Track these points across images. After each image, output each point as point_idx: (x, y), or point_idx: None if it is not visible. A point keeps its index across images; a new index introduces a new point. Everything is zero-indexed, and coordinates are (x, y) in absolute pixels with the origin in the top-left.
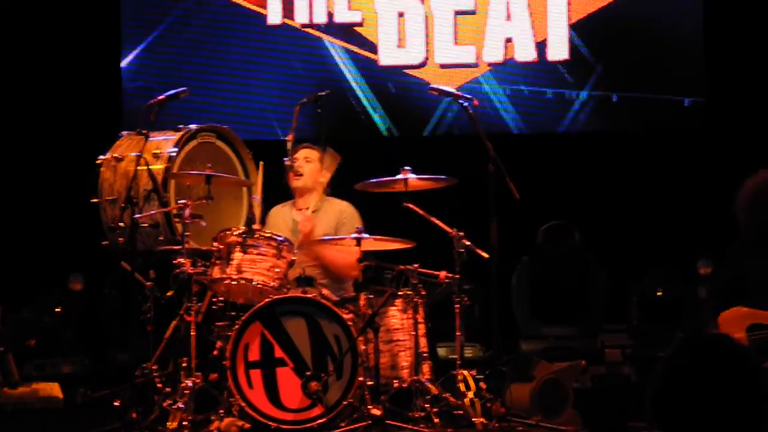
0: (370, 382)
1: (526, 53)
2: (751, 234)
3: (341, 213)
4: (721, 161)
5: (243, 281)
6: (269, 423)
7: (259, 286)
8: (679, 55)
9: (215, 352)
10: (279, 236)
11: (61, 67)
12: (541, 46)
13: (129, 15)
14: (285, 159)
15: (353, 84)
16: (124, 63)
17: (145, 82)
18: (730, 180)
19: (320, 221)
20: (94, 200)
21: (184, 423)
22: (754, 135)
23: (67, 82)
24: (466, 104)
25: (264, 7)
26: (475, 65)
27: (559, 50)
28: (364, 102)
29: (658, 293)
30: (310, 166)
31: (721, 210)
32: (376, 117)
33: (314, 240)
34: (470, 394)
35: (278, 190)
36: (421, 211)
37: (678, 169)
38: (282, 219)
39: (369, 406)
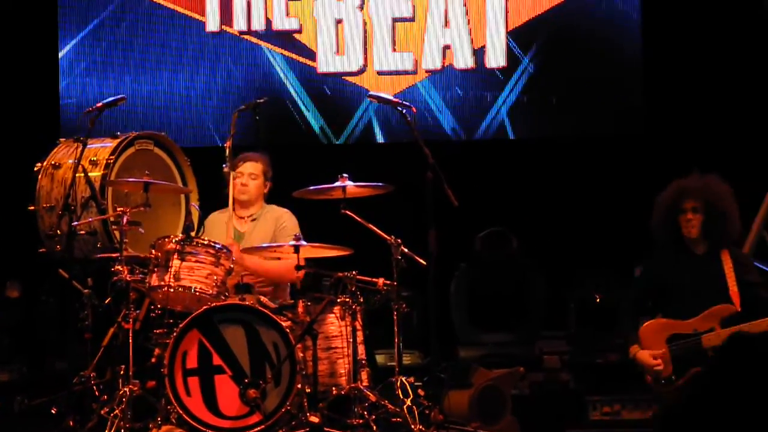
0: (308, 389)
1: (464, 60)
2: (663, 240)
3: (279, 218)
4: (658, 167)
5: (181, 289)
6: (207, 431)
7: (197, 293)
8: (617, 59)
9: (153, 360)
10: (217, 243)
11: None
12: (479, 53)
13: (65, 17)
14: (224, 165)
15: (291, 91)
16: (61, 54)
17: (82, 87)
18: (667, 185)
19: (260, 229)
20: (31, 208)
21: (121, 431)
22: (691, 139)
23: (3, 84)
24: (404, 111)
25: (203, 14)
26: (414, 72)
27: (496, 57)
28: (303, 109)
29: (597, 299)
30: (255, 182)
31: None
32: (314, 124)
33: (253, 247)
34: (408, 401)
35: (217, 197)
36: (359, 219)
37: (616, 174)
38: (221, 226)
39: (307, 413)
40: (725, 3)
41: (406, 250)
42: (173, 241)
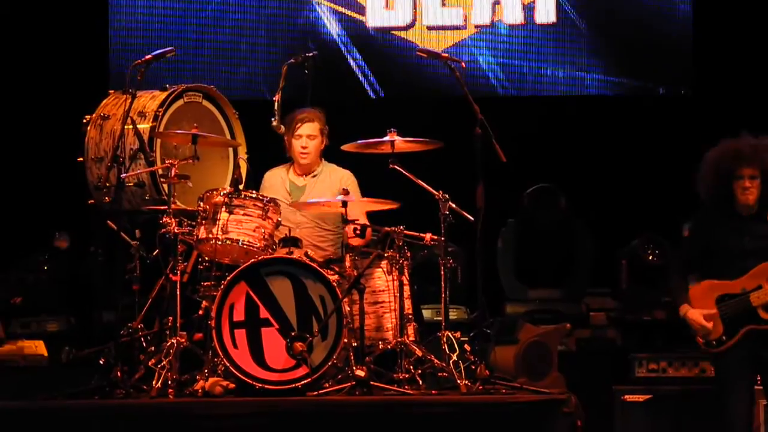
0: (354, 343)
1: (513, 16)
2: (713, 202)
3: (343, 182)
4: (708, 126)
5: (229, 241)
6: (254, 383)
7: (244, 246)
8: (667, 18)
9: (200, 312)
10: (265, 197)
11: (47, 21)
12: (528, 9)
13: None
14: (272, 119)
15: (341, 45)
16: (110, 5)
17: (131, 39)
18: (717, 143)
19: (321, 185)
20: (80, 159)
21: (168, 382)
22: (741, 100)
23: (53, 37)
24: (453, 66)
25: None
26: (463, 27)
27: (546, 13)
28: (351, 63)
29: (649, 257)
30: (313, 142)
31: None
32: (362, 78)
33: (302, 202)
34: (455, 356)
35: (265, 151)
36: (407, 173)
37: (666, 133)
38: (279, 180)
39: (354, 367)
40: None
41: (453, 205)
42: (221, 194)
